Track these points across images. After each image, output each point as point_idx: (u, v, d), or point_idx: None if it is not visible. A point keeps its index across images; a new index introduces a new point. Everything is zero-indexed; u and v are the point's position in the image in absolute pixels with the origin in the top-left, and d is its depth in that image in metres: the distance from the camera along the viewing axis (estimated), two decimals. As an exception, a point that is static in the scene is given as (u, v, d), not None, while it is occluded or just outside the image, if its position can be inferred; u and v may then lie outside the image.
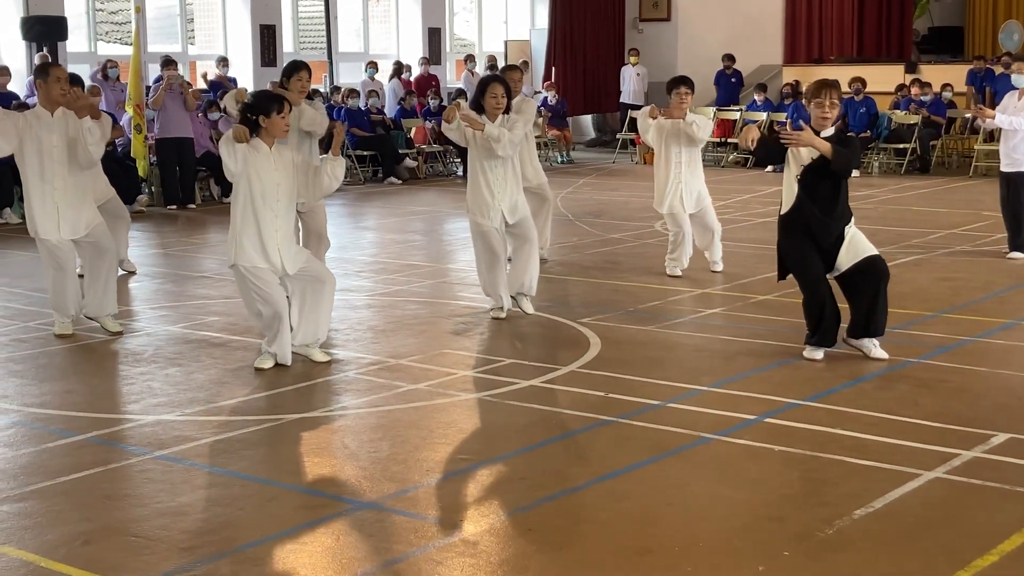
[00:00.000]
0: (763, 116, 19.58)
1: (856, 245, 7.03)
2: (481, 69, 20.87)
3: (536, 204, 10.42)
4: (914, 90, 18.88)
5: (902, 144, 18.23)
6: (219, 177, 15.01)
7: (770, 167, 17.66)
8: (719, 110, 20.14)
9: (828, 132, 6.94)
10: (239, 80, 17.79)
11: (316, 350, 7.22)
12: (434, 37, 21.72)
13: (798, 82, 19.69)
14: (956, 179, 17.27)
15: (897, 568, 4.30)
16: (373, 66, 19.59)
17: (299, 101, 8.59)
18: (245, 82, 17.93)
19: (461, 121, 8.08)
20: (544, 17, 23.22)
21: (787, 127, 7.17)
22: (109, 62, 16.04)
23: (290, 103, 7.16)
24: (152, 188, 15.36)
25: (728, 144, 19.61)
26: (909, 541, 4.52)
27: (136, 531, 4.69)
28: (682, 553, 4.43)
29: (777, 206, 7.27)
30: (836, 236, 6.99)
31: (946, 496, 4.98)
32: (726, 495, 5.03)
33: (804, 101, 7.08)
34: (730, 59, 21.37)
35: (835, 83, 7.07)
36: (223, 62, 17.80)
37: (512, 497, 5.02)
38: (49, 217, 7.86)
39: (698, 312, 8.60)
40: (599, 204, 14.93)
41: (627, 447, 5.64)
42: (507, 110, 8.21)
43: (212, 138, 15.90)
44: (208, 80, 17.69)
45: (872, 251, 7.05)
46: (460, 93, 19.22)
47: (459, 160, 18.36)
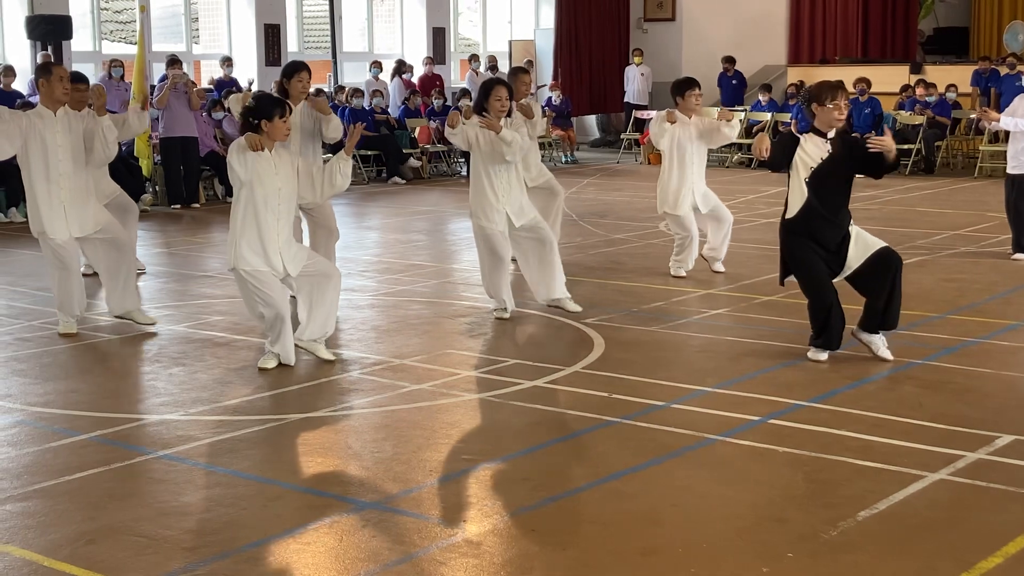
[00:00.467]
0: (767, 116, 19.57)
1: (864, 241, 7.04)
2: (483, 70, 20.87)
3: (547, 200, 10.43)
4: (919, 91, 18.88)
5: (907, 145, 18.20)
6: (223, 177, 15.02)
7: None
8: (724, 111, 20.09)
9: (831, 133, 6.96)
10: (241, 81, 17.78)
11: (322, 347, 7.22)
12: (438, 37, 21.72)
13: (802, 82, 19.68)
14: (961, 180, 17.26)
15: (901, 570, 4.29)
16: (377, 66, 19.59)
17: (299, 102, 8.58)
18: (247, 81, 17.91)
19: (481, 124, 8.06)
20: (548, 17, 23.24)
21: (792, 127, 7.15)
22: (114, 61, 16.05)
23: (291, 106, 7.16)
24: (156, 187, 15.37)
25: (733, 145, 19.57)
26: (913, 543, 4.52)
27: (139, 531, 4.68)
28: (686, 554, 4.43)
29: (780, 207, 7.25)
30: (842, 236, 6.99)
31: (950, 498, 4.97)
32: (730, 496, 5.02)
33: (805, 103, 7.01)
34: (729, 61, 21.33)
35: (843, 84, 7.10)
36: (227, 61, 17.81)
37: (515, 497, 5.01)
38: (57, 216, 7.86)
39: (702, 313, 8.59)
40: (603, 204, 14.93)
41: (631, 448, 5.63)
42: (509, 113, 8.22)
43: (216, 137, 15.92)
44: (215, 80, 17.67)
45: (880, 243, 7.08)
46: (464, 93, 19.24)
47: (463, 160, 18.36)
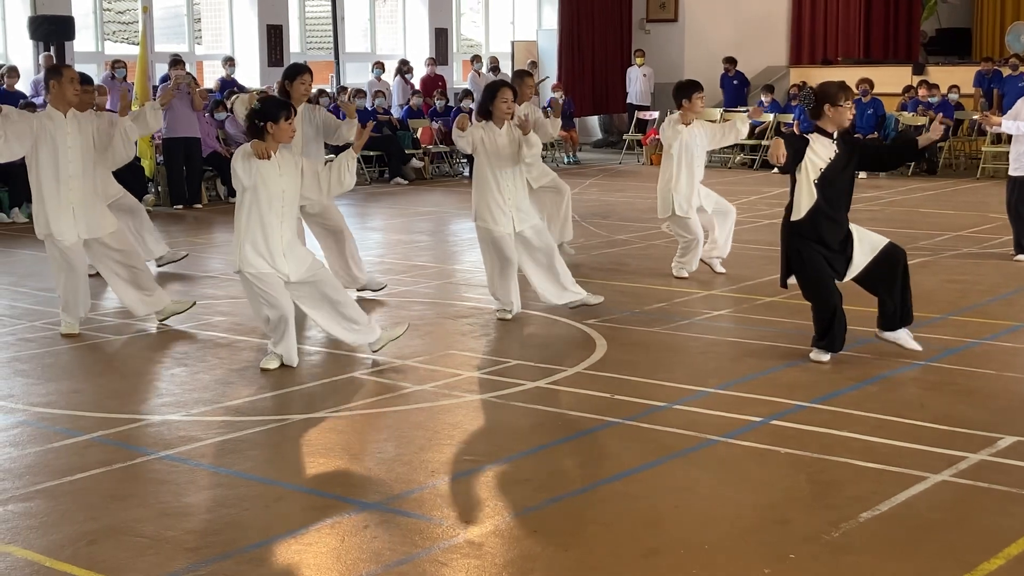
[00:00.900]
0: (770, 117, 19.56)
1: (868, 239, 7.07)
2: (485, 70, 20.87)
3: (554, 199, 10.44)
4: (921, 92, 18.86)
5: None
6: (225, 177, 15.01)
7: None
8: (726, 111, 20.11)
9: (835, 133, 6.98)
10: (243, 82, 17.78)
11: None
12: (441, 37, 21.71)
13: (805, 83, 19.66)
14: (963, 181, 17.24)
15: (903, 571, 4.28)
16: (380, 66, 19.59)
17: (301, 104, 8.59)
18: (252, 83, 17.89)
19: (516, 124, 8.09)
20: (550, 18, 23.21)
21: (795, 128, 7.15)
22: (116, 62, 16.05)
23: (295, 108, 7.17)
24: (159, 188, 15.38)
25: (736, 146, 19.56)
26: (915, 544, 4.51)
27: (141, 531, 4.68)
28: (688, 555, 4.43)
29: (783, 208, 7.24)
30: (845, 234, 7.00)
31: (953, 499, 4.97)
32: (732, 497, 5.02)
33: (815, 104, 6.99)
34: (730, 62, 21.32)
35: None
36: (229, 62, 17.80)
37: (518, 498, 5.01)
38: (65, 218, 7.84)
39: (705, 314, 8.58)
40: (606, 205, 14.92)
41: (633, 449, 5.63)
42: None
43: (219, 138, 15.92)
44: (219, 81, 17.66)
45: (884, 240, 7.13)
46: (467, 94, 19.24)
47: (465, 161, 18.36)
